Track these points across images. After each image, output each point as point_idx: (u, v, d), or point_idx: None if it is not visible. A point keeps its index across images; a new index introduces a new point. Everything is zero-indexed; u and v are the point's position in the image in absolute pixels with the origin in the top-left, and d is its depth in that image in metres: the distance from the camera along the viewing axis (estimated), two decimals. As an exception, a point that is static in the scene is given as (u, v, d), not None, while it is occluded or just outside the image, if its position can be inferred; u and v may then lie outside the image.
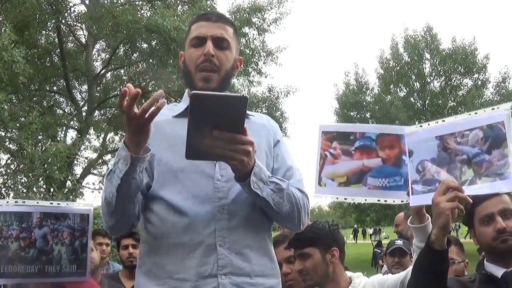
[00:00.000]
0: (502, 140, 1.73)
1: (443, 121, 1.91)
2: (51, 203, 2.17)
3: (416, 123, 25.23)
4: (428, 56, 26.18)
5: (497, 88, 25.80)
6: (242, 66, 1.98)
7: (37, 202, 2.18)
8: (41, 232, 2.10)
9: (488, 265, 1.96)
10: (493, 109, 1.80)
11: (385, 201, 2.01)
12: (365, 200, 2.04)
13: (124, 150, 1.55)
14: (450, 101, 26.54)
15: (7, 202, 2.13)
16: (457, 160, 1.81)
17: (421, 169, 1.89)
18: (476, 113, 1.83)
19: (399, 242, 4.13)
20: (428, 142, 1.89)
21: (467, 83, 26.39)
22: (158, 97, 1.46)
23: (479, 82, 25.91)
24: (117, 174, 1.57)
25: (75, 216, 2.15)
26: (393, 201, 2.00)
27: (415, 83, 26.50)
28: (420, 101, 26.59)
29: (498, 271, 1.91)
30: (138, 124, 1.49)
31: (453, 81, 26.25)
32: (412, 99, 26.71)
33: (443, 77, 26.27)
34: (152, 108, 1.47)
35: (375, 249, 14.36)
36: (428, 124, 1.95)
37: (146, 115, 1.47)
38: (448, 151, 1.84)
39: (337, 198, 2.10)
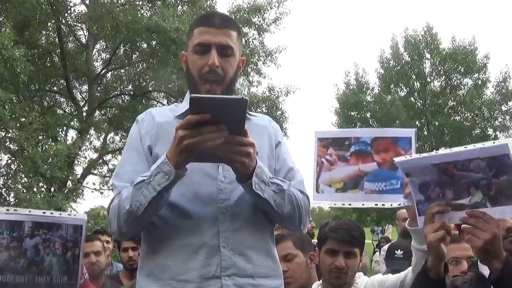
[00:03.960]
0: (509, 168, 1.56)
1: (436, 152, 1.75)
2: (44, 213, 2.13)
3: (417, 123, 25.34)
4: (428, 55, 26.15)
5: (498, 88, 25.76)
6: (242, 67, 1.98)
7: (29, 211, 2.13)
8: (32, 242, 2.05)
9: (481, 266, 1.98)
10: (494, 142, 1.65)
11: (383, 205, 2.00)
12: (363, 204, 2.04)
13: (167, 165, 1.56)
14: (450, 101, 26.53)
15: None
16: (462, 182, 1.64)
17: (424, 188, 1.74)
18: (474, 146, 1.67)
19: (399, 253, 4.10)
20: (425, 167, 1.71)
21: (467, 82, 26.36)
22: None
23: (479, 82, 25.87)
24: (153, 186, 1.58)
25: (68, 226, 2.11)
26: (391, 205, 1.99)
27: (415, 83, 26.47)
28: (420, 101, 26.56)
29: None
30: (192, 148, 1.51)
31: (453, 80, 26.22)
32: (412, 98, 26.69)
33: (443, 76, 26.24)
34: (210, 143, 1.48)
35: (375, 249, 14.36)
36: (419, 155, 1.77)
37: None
38: (449, 175, 1.67)
39: (335, 204, 2.10)
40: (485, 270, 1.96)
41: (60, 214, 2.20)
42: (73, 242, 2.12)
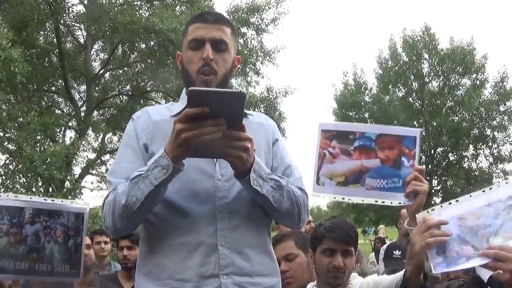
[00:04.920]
0: None
1: (457, 201, 1.74)
2: (45, 199, 2.11)
3: (415, 123, 25.31)
4: (426, 56, 26.13)
5: (496, 88, 25.77)
6: (239, 66, 1.98)
7: (30, 198, 2.11)
8: (33, 228, 2.03)
9: (478, 268, 1.98)
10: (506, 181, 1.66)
11: (383, 202, 1.98)
12: (362, 200, 2.01)
13: (165, 159, 1.55)
14: (448, 101, 26.52)
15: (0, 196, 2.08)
16: (481, 234, 1.61)
17: (442, 250, 1.69)
18: (490, 189, 1.67)
19: (397, 254, 4.09)
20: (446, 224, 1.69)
21: (465, 83, 26.33)
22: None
23: (478, 82, 25.87)
24: (150, 180, 1.57)
25: (69, 214, 2.08)
26: (391, 203, 1.97)
27: (413, 83, 26.46)
28: (419, 101, 26.55)
29: (486, 274, 1.93)
30: (190, 141, 1.51)
31: (451, 81, 26.20)
32: (410, 99, 26.68)
33: (442, 77, 26.21)
34: (208, 137, 1.49)
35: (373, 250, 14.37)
36: (441, 206, 1.76)
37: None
38: (469, 226, 1.64)
39: (335, 198, 2.06)
40: (482, 271, 1.98)
41: (62, 201, 2.17)
42: (75, 230, 2.08)
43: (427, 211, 1.77)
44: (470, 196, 1.69)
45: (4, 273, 2.03)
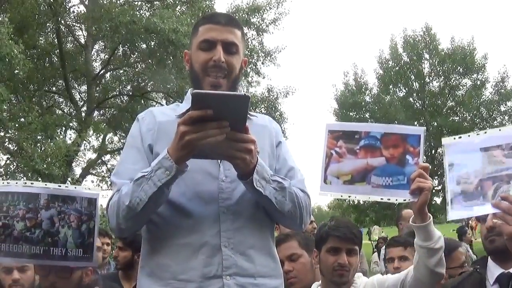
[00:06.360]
0: None
1: (485, 132, 1.80)
2: (59, 186, 2.16)
3: (415, 123, 25.32)
4: (427, 56, 26.17)
5: (496, 88, 25.80)
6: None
7: (45, 184, 2.16)
8: (48, 213, 2.07)
9: (491, 263, 2.03)
10: None
11: (388, 199, 2.01)
12: (369, 198, 2.05)
13: (169, 160, 1.55)
14: (449, 101, 26.54)
15: (16, 183, 2.13)
16: (505, 174, 1.68)
17: (462, 181, 1.78)
18: None
19: None
20: (472, 154, 1.78)
21: (466, 83, 26.37)
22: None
23: (478, 82, 25.90)
24: (153, 181, 1.57)
25: (82, 199, 2.12)
26: (396, 200, 2.00)
27: (414, 83, 26.48)
28: (419, 101, 26.58)
29: (497, 271, 1.96)
30: (193, 143, 1.51)
31: (452, 81, 26.23)
32: (411, 99, 26.70)
33: (442, 77, 26.25)
34: (212, 139, 1.48)
35: (374, 250, 14.37)
36: (469, 136, 1.84)
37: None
38: (494, 163, 1.72)
39: (342, 196, 2.10)
40: (492, 268, 2.00)
41: (75, 187, 2.22)
42: (88, 216, 2.13)
43: (454, 138, 1.85)
44: (500, 130, 1.75)
45: (20, 257, 2.08)
